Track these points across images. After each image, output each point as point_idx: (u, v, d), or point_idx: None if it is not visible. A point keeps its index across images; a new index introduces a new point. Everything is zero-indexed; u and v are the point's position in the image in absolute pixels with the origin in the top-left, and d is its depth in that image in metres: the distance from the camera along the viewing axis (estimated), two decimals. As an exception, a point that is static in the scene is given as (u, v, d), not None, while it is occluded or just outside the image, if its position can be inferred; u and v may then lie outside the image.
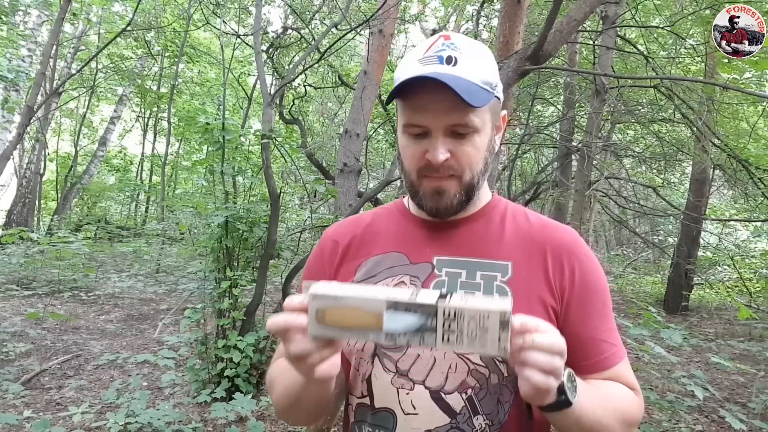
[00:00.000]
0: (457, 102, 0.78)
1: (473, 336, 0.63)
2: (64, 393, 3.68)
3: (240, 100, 13.59)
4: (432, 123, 0.82)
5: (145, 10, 10.12)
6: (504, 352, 0.63)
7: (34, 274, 7.28)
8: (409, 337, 0.65)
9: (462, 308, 0.64)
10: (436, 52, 0.83)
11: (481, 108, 0.82)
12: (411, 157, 0.86)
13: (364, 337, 0.67)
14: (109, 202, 15.65)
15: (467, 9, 8.58)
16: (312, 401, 0.85)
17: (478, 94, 0.80)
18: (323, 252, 0.97)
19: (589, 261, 0.89)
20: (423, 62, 0.83)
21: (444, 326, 0.64)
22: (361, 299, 0.66)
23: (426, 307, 0.65)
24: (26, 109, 4.42)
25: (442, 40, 0.85)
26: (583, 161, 5.42)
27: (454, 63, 0.82)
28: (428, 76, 0.79)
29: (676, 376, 3.10)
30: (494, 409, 0.81)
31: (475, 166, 0.86)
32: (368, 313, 0.66)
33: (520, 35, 2.39)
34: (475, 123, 0.83)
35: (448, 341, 0.64)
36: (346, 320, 0.66)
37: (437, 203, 0.87)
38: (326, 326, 0.66)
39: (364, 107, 5.16)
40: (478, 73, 0.82)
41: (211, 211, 3.79)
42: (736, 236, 10.70)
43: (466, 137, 0.83)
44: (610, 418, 0.79)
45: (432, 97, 0.80)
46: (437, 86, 0.78)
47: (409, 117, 0.84)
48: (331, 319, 0.66)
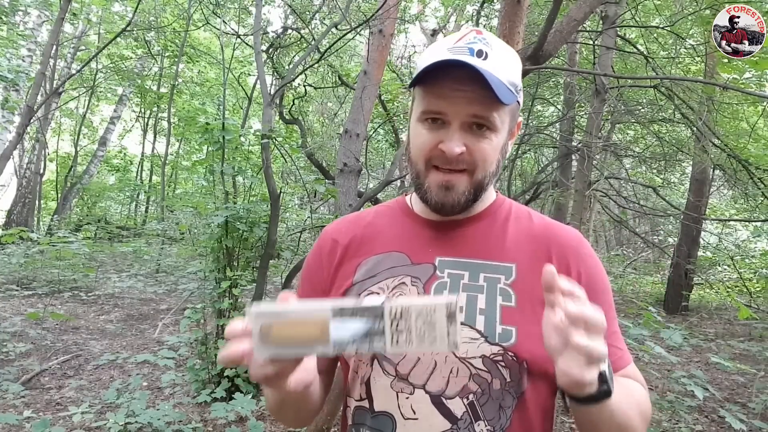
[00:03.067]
0: (485, 95, 0.77)
1: (422, 333, 0.61)
2: (64, 393, 3.68)
3: (240, 100, 13.58)
4: (453, 112, 0.80)
5: (145, 10, 10.12)
6: (454, 347, 0.61)
7: (34, 274, 7.28)
8: (358, 343, 0.62)
9: (408, 305, 0.62)
10: (468, 43, 0.81)
11: (504, 108, 0.81)
12: (421, 146, 0.83)
13: (311, 350, 0.64)
14: (109, 202, 15.65)
15: (467, 9, 8.58)
16: (294, 406, 0.84)
17: (504, 91, 0.79)
18: (322, 250, 0.96)
19: (593, 263, 0.88)
20: (453, 51, 0.81)
21: (392, 327, 0.62)
22: (304, 310, 0.64)
23: (372, 309, 0.63)
24: (26, 109, 4.42)
25: (474, 34, 0.83)
26: (583, 161, 5.42)
27: (485, 57, 0.80)
28: (461, 62, 0.77)
29: (676, 376, 3.10)
30: (496, 415, 0.79)
31: (488, 165, 0.84)
32: (314, 324, 0.63)
33: (520, 35, 2.39)
34: (495, 121, 0.81)
35: (397, 343, 0.61)
36: (291, 334, 0.63)
37: (444, 198, 0.84)
38: (272, 345, 0.63)
39: (364, 107, 5.15)
40: (506, 72, 0.81)
41: (211, 211, 3.79)
42: (736, 236, 10.70)
43: (483, 133, 0.82)
44: (635, 412, 0.78)
45: (458, 86, 0.79)
46: (465, 75, 0.77)
47: (428, 103, 0.82)
48: (277, 335, 0.63)
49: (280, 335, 0.64)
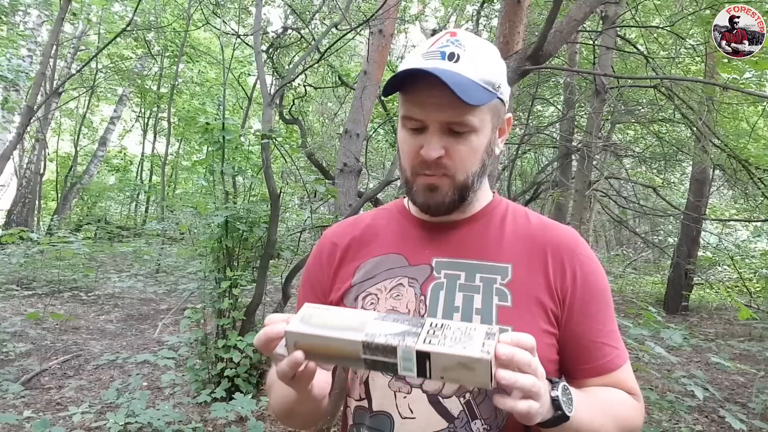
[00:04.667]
0: (454, 99, 0.77)
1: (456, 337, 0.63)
2: (64, 393, 3.68)
3: (240, 100, 13.58)
4: (427, 118, 0.81)
5: (145, 10, 10.12)
6: (486, 354, 0.61)
7: (34, 274, 7.27)
8: (391, 337, 0.64)
9: (450, 321, 0.65)
10: (440, 47, 0.82)
11: (480, 107, 0.81)
12: (407, 153, 0.86)
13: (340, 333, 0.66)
14: (109, 202, 15.64)
15: (467, 9, 8.58)
16: (305, 414, 0.87)
17: (475, 93, 0.79)
18: (322, 253, 0.97)
19: (590, 262, 0.88)
20: (425, 57, 0.82)
21: (429, 332, 0.64)
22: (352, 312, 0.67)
23: (416, 320, 0.66)
24: (26, 109, 4.42)
25: (447, 37, 0.84)
26: (583, 161, 5.42)
27: (456, 59, 0.80)
28: (425, 70, 0.78)
29: (676, 376, 3.10)
30: (492, 414, 0.80)
31: (470, 167, 0.84)
32: (353, 316, 0.68)
33: (520, 35, 2.39)
34: (472, 122, 0.81)
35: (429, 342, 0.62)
36: (328, 321, 0.67)
37: (429, 199, 0.85)
38: (307, 324, 0.67)
39: (364, 107, 5.15)
40: (479, 72, 0.81)
41: (211, 211, 3.79)
42: (736, 236, 10.70)
43: (462, 136, 0.82)
44: (609, 426, 0.79)
45: (429, 92, 0.79)
46: (436, 81, 0.77)
47: (406, 110, 0.83)
48: (316, 320, 0.67)
49: (317, 320, 0.67)
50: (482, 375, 0.61)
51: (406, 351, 0.61)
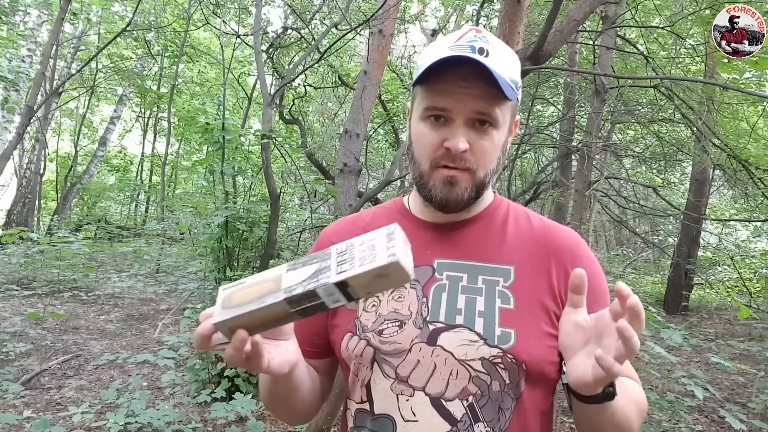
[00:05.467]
0: (489, 90, 0.77)
1: (363, 256, 0.62)
2: (64, 393, 3.68)
3: (240, 100, 13.58)
4: (457, 108, 0.80)
5: (145, 10, 10.12)
6: (394, 258, 0.60)
7: (34, 274, 7.28)
8: (306, 283, 0.63)
9: (353, 240, 0.65)
10: (468, 41, 0.82)
11: (506, 104, 0.82)
12: (427, 146, 0.83)
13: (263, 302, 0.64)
14: (109, 202, 15.65)
15: (467, 9, 8.59)
16: (285, 396, 0.85)
17: (508, 88, 0.79)
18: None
19: (591, 264, 0.88)
20: (454, 49, 0.81)
21: (338, 260, 0.64)
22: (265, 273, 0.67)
23: (321, 254, 0.65)
24: (26, 109, 4.42)
25: (474, 33, 0.84)
26: (583, 161, 5.42)
27: (487, 54, 0.80)
28: (468, 59, 0.78)
29: (676, 376, 3.10)
30: (495, 417, 0.80)
31: (489, 163, 0.84)
32: (270, 281, 0.66)
33: (520, 35, 2.39)
34: (498, 117, 0.81)
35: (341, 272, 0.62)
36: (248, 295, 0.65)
37: (448, 194, 0.84)
38: (230, 308, 0.65)
39: (364, 107, 5.15)
40: (507, 69, 0.81)
41: (211, 211, 3.79)
42: (736, 236, 10.70)
43: (486, 130, 0.82)
44: (632, 410, 0.80)
45: (462, 82, 0.79)
46: (470, 72, 0.77)
47: (431, 100, 0.82)
48: (236, 299, 0.66)
49: (238, 299, 0.66)
50: (399, 275, 0.62)
51: (326, 288, 0.62)
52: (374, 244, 0.63)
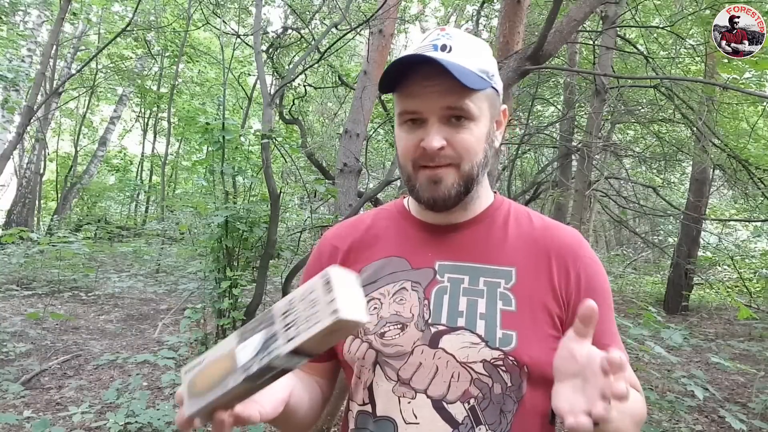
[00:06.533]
0: (452, 84, 0.77)
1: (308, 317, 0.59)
2: (64, 393, 3.68)
3: (240, 100, 13.58)
4: (426, 108, 0.81)
5: (145, 10, 10.12)
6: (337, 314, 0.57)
7: (34, 274, 7.28)
8: (260, 357, 0.60)
9: (292, 296, 0.61)
10: (432, 41, 0.83)
11: (478, 95, 0.81)
12: (406, 149, 0.84)
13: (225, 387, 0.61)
14: (109, 202, 15.64)
15: (467, 9, 8.59)
16: (284, 422, 0.84)
17: (473, 78, 0.79)
18: (322, 256, 0.96)
19: (593, 264, 0.88)
20: (418, 51, 0.82)
21: (284, 325, 0.60)
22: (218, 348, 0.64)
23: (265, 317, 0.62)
24: (26, 109, 4.42)
25: (438, 32, 0.85)
26: (583, 161, 5.42)
27: (449, 50, 0.81)
28: (423, 57, 0.78)
29: (676, 376, 3.11)
30: (497, 419, 0.79)
31: (474, 155, 0.83)
32: (225, 357, 0.63)
33: (520, 35, 2.39)
34: (471, 109, 0.81)
35: (290, 339, 0.59)
36: (210, 378, 0.63)
37: (433, 192, 0.83)
38: (197, 398, 0.63)
39: (364, 107, 5.15)
40: (474, 61, 0.82)
41: (211, 211, 3.79)
42: (736, 236, 10.70)
43: (462, 124, 0.82)
44: (627, 422, 0.78)
45: (426, 82, 0.80)
46: (432, 70, 0.78)
47: (402, 104, 0.83)
48: (200, 384, 0.63)
49: (202, 384, 0.63)
50: (351, 326, 0.60)
51: (281, 359, 0.60)
52: (315, 298, 0.60)
